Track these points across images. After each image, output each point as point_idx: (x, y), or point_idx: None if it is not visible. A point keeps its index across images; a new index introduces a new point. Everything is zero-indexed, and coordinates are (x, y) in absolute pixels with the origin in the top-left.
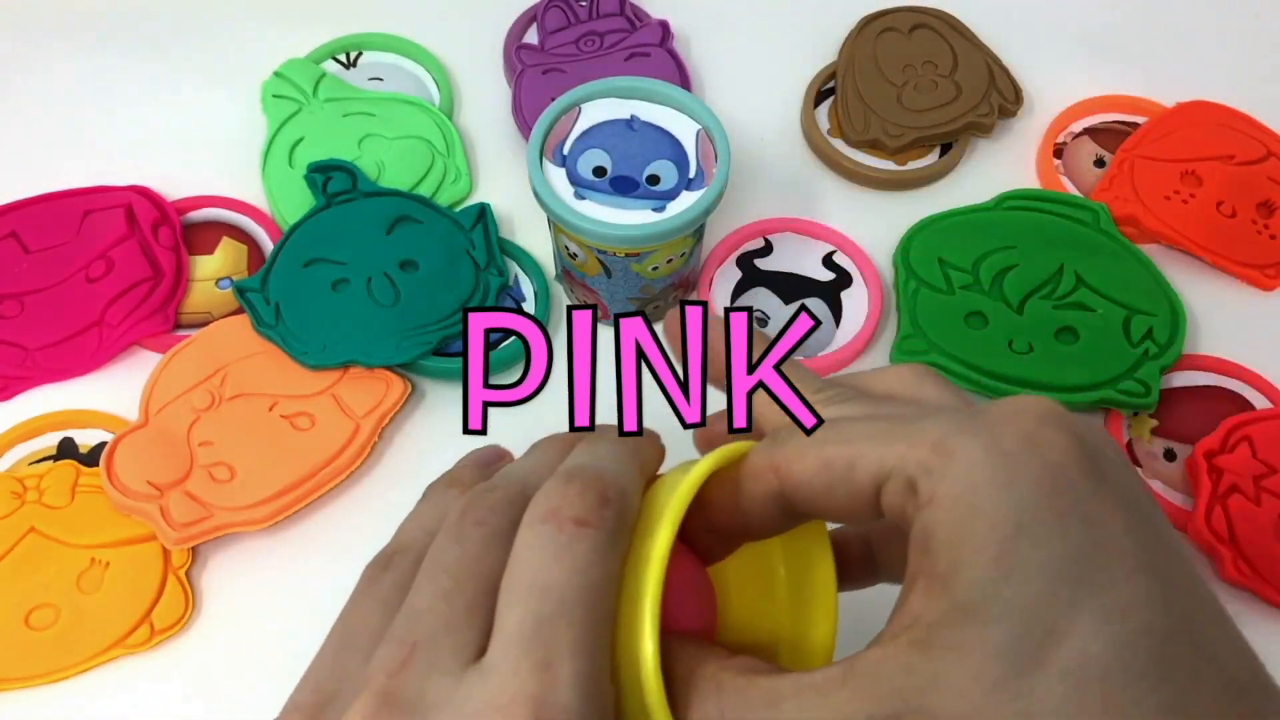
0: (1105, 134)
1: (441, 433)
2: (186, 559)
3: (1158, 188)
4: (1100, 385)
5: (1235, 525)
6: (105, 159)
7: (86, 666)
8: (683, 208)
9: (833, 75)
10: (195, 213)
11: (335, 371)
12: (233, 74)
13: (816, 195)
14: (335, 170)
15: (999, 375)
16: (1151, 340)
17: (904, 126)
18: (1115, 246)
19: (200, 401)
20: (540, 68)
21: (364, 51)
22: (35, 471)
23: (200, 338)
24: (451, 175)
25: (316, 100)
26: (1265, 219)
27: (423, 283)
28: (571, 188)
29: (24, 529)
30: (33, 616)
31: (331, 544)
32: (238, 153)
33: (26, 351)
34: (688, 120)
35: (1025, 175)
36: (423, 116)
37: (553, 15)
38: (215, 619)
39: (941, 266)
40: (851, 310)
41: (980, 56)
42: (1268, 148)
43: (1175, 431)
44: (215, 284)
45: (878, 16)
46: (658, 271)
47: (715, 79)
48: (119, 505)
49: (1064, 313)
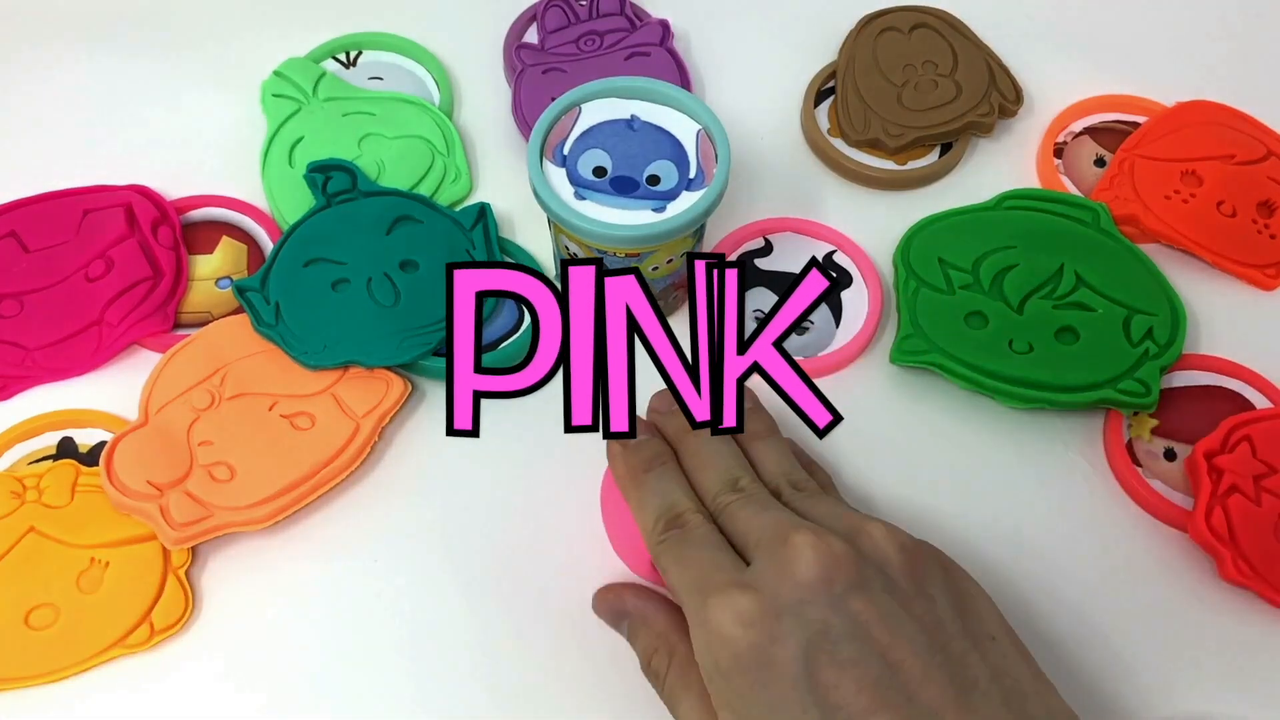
0: (1105, 134)
1: (441, 433)
2: (186, 559)
3: (1158, 187)
4: (1100, 385)
5: (1235, 525)
6: (105, 158)
7: (86, 666)
8: (683, 208)
9: (833, 75)
10: (195, 212)
11: (335, 371)
12: (232, 73)
13: (816, 195)
14: (335, 170)
15: (999, 375)
16: (1152, 340)
17: (904, 126)
18: (1115, 246)
19: (200, 401)
20: (540, 67)
21: (364, 51)
22: (35, 471)
23: (200, 337)
24: (451, 175)
25: (316, 99)
26: (1265, 219)
27: (423, 283)
28: (571, 188)
29: (23, 528)
30: (32, 616)
31: (331, 544)
32: (238, 152)
33: (26, 351)
34: (688, 120)
35: (1025, 175)
36: (423, 116)
37: (553, 15)
38: (215, 619)
39: (941, 266)
40: (851, 310)
41: (980, 56)
42: (1268, 147)
43: (1175, 431)
44: (215, 283)
45: (878, 16)
46: (658, 272)
47: (715, 79)
48: (119, 505)
49: (1064, 312)
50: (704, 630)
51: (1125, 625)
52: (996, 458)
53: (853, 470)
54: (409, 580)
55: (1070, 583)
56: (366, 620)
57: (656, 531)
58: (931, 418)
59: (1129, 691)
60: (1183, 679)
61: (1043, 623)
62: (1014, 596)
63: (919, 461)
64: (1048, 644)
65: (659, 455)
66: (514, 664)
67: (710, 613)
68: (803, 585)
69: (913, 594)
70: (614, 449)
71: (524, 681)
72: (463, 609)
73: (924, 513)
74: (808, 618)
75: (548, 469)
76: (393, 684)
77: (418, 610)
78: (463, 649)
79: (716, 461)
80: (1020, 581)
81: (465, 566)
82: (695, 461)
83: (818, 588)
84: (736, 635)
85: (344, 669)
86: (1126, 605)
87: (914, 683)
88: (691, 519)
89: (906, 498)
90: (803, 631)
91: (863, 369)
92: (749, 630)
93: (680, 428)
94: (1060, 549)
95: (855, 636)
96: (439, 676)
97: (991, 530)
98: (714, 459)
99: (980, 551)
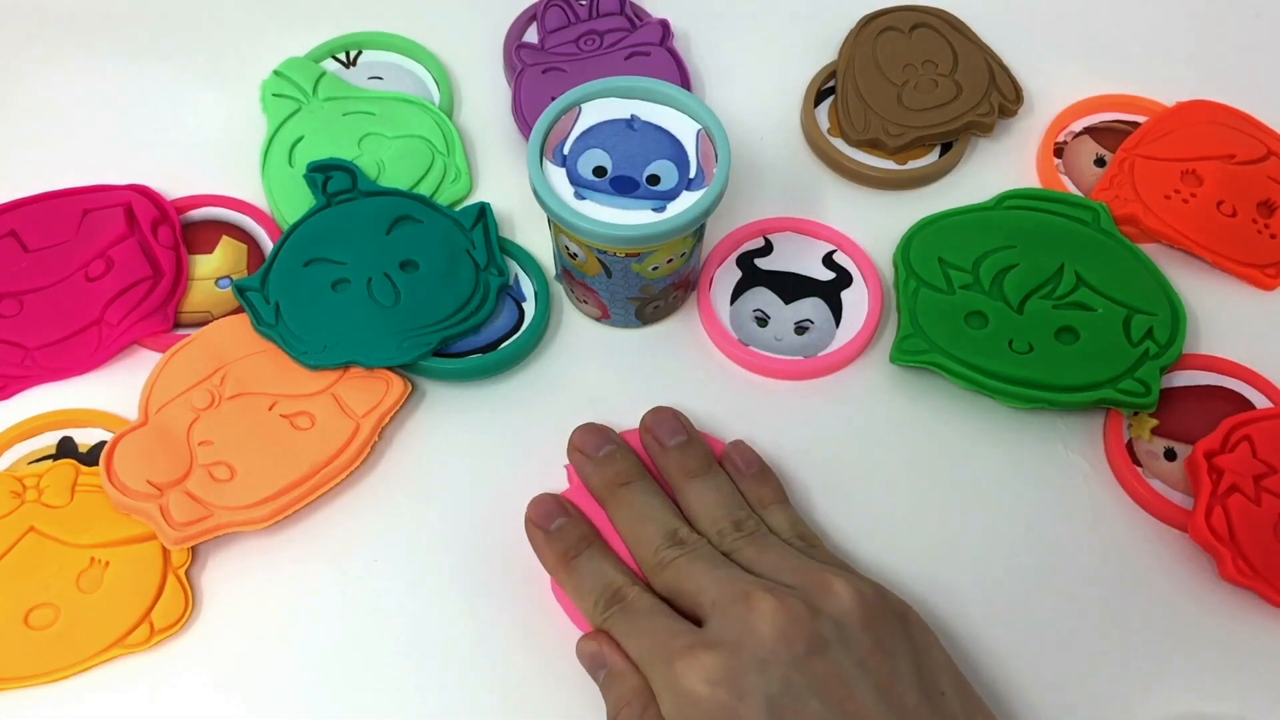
0: (1105, 133)
1: (441, 433)
2: (186, 558)
3: (1158, 187)
4: (1100, 385)
5: (1235, 525)
6: (105, 158)
7: (86, 666)
8: (683, 208)
9: (833, 75)
10: (195, 212)
11: (335, 371)
12: (232, 73)
13: (816, 195)
14: (335, 169)
15: (999, 375)
16: (1152, 340)
17: (904, 126)
18: (1115, 246)
19: (200, 401)
20: (540, 67)
21: (364, 50)
22: (35, 471)
23: (200, 337)
24: (451, 175)
25: (316, 99)
26: (1266, 218)
27: (423, 282)
28: (571, 188)
29: (23, 528)
30: (32, 616)
31: (331, 544)
32: (238, 152)
33: (26, 350)
34: (688, 120)
35: (1025, 175)
36: (423, 116)
37: (553, 14)
38: (215, 619)
39: (941, 266)
40: (851, 310)
41: (980, 56)
42: (1268, 147)
43: (1175, 431)
44: (215, 283)
45: (878, 16)
46: (658, 271)
47: (715, 79)
48: (118, 504)
49: (1064, 312)
50: (672, 693)
51: (1125, 625)
52: (996, 458)
53: (852, 470)
54: (409, 580)
55: (1070, 582)
56: (367, 620)
57: (599, 611)
58: (931, 418)
59: (1129, 691)
60: (1182, 678)
61: (1042, 622)
62: (1013, 596)
63: (919, 461)
64: (1047, 644)
65: (584, 538)
66: (514, 664)
67: (678, 676)
68: (765, 644)
69: (870, 648)
70: (537, 537)
71: (524, 682)
72: (463, 609)
73: (924, 513)
74: (771, 675)
75: (548, 469)
76: (393, 684)
77: (418, 610)
78: (463, 648)
79: (651, 515)
80: (1020, 581)
81: (465, 566)
82: (628, 516)
83: (778, 648)
84: (705, 694)
85: (344, 669)
86: (1126, 605)
87: None
88: (630, 592)
89: (906, 498)
90: (766, 688)
91: (862, 369)
92: (717, 689)
93: (606, 481)
94: (1060, 549)
95: (815, 693)
96: (439, 676)
97: (991, 530)
98: (648, 512)
99: (980, 551)
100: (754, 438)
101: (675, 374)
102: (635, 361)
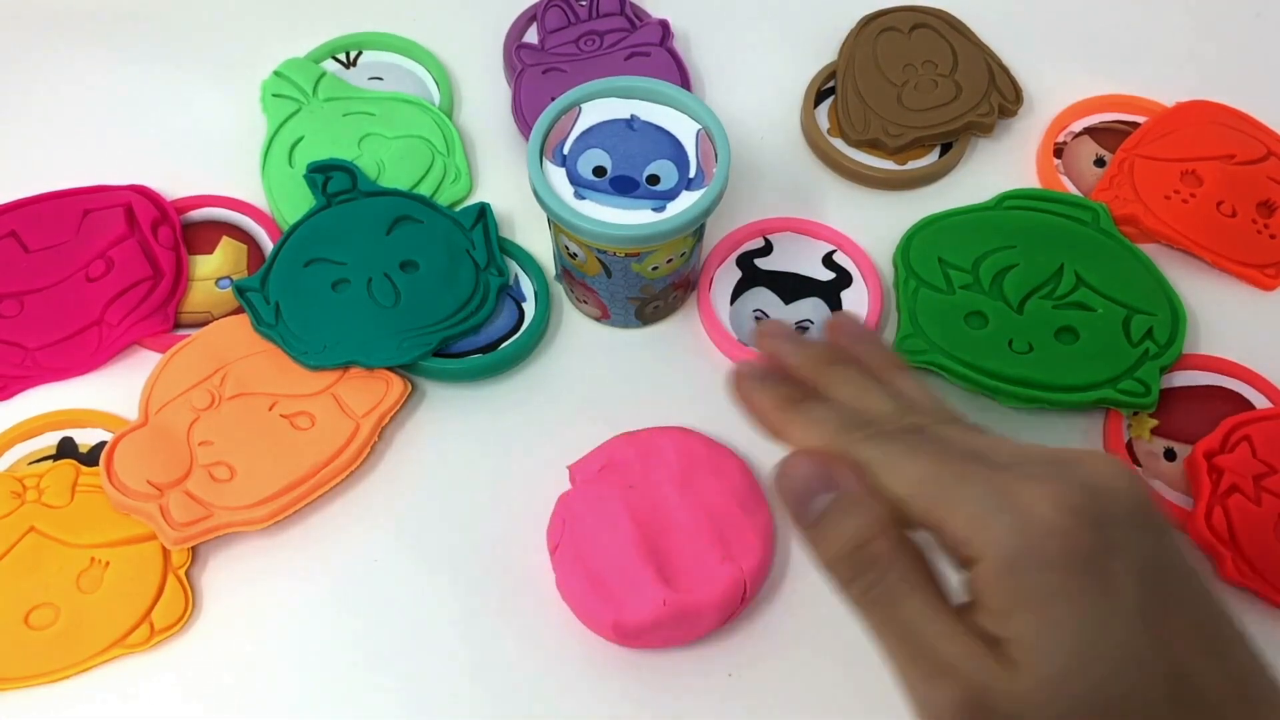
0: (1105, 133)
1: (441, 433)
2: (186, 558)
3: (1158, 187)
4: (1100, 385)
5: (1235, 525)
6: (105, 158)
7: (86, 666)
8: (683, 208)
9: (833, 75)
10: (195, 212)
11: (335, 371)
12: (233, 73)
13: (816, 195)
14: (335, 170)
15: (999, 375)
16: (1151, 340)
17: (904, 126)
18: (1115, 246)
19: (200, 401)
20: (540, 67)
21: (364, 51)
22: (35, 471)
23: (200, 337)
24: (451, 175)
25: (316, 100)
26: (1265, 219)
27: (423, 283)
28: (571, 188)
29: (24, 528)
30: (32, 616)
31: (331, 544)
32: (238, 152)
33: (26, 351)
34: (688, 120)
35: (1025, 175)
36: (423, 116)
37: (553, 15)
38: (215, 619)
39: (941, 266)
40: (851, 310)
41: (980, 56)
42: (1268, 147)
43: (1175, 431)
44: (215, 283)
45: (878, 16)
46: (658, 271)
47: (715, 79)
48: (119, 505)
49: (1064, 312)
50: (1012, 516)
51: None
52: None
53: None
54: (409, 580)
55: None
56: (366, 620)
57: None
58: None
59: None
60: None
61: None
62: None
63: None
64: None
65: (801, 390)
66: (514, 663)
67: (1022, 496)
68: (1121, 500)
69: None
70: (747, 383)
71: (525, 681)
72: (462, 608)
73: None
74: (1132, 541)
75: (548, 469)
76: (393, 683)
77: (417, 609)
78: (462, 648)
79: (873, 387)
80: None
81: (465, 566)
82: (853, 391)
83: (1130, 520)
84: (1067, 525)
85: (344, 668)
86: None
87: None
88: (897, 421)
89: None
90: (1136, 552)
91: None
92: (1078, 519)
93: (813, 357)
94: None
95: (1180, 578)
96: (438, 675)
97: None
98: (870, 385)
99: None
100: (754, 438)
101: (675, 374)
102: (635, 361)
